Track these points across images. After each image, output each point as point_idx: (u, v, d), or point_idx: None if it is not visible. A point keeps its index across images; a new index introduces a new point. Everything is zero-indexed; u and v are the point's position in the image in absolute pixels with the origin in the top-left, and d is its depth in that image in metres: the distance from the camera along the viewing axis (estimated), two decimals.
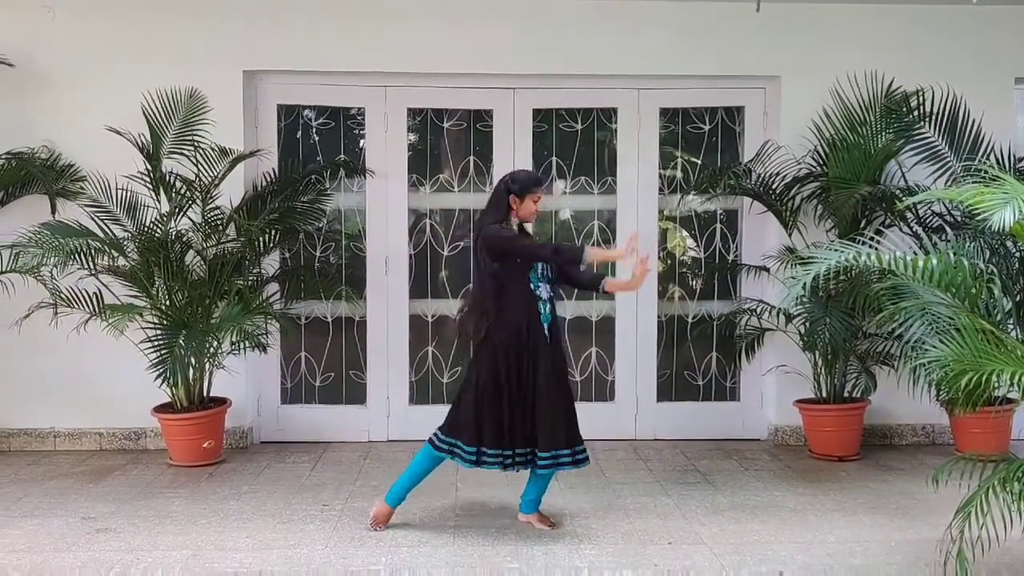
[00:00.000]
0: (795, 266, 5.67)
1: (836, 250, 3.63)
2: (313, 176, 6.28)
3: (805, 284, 3.56)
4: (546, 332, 4.43)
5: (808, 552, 4.29)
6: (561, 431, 4.40)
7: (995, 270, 3.53)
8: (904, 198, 4.37)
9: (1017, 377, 3.31)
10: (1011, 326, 4.85)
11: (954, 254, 3.53)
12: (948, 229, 5.18)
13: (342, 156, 6.49)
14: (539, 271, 4.45)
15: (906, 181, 6.03)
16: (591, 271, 4.86)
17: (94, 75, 6.14)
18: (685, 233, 6.76)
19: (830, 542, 4.42)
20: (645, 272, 4.51)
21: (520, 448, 4.38)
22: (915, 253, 3.64)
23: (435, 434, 4.53)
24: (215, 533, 4.55)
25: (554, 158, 6.56)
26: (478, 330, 4.45)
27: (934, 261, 3.41)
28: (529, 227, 4.68)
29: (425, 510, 4.89)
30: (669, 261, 6.75)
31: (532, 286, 4.43)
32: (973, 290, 3.58)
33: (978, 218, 3.26)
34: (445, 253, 6.58)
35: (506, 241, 4.40)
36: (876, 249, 3.56)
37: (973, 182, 4.01)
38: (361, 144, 6.51)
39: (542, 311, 4.43)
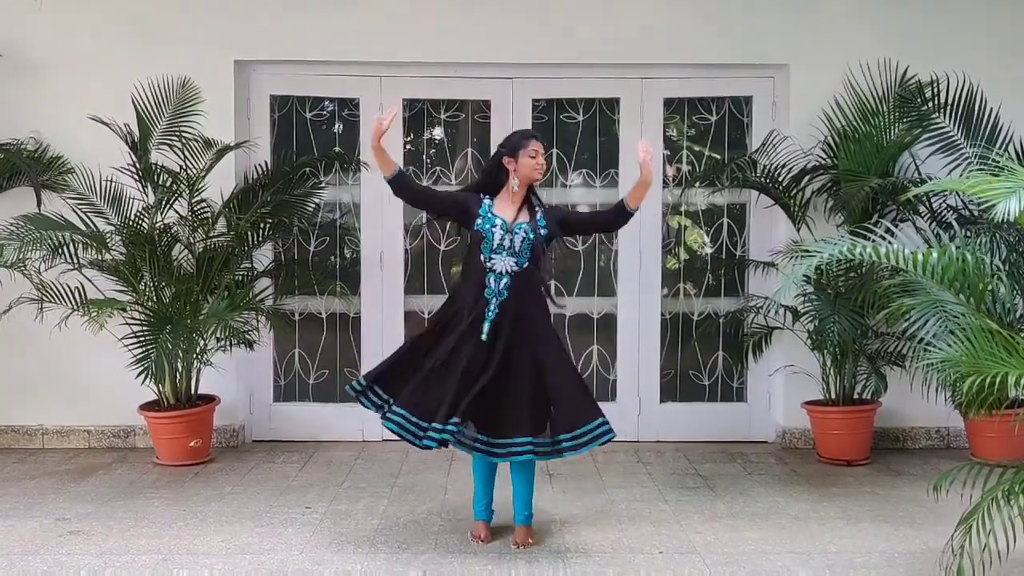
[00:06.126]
0: (795, 260, 5.46)
1: (832, 243, 3.42)
2: (307, 169, 6.10)
3: (797, 278, 3.35)
4: (492, 308, 4.13)
5: (806, 563, 4.06)
6: (522, 418, 4.05)
7: (1000, 267, 3.28)
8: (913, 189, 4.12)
9: None
10: None
11: (957, 248, 3.29)
12: (955, 224, 4.91)
13: (336, 148, 6.32)
14: (493, 242, 4.16)
15: (919, 173, 5.78)
16: (615, 210, 4.37)
17: (82, 65, 6.01)
18: (699, 230, 6.52)
19: (831, 552, 4.19)
20: (648, 159, 4.13)
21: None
22: (929, 248, 3.41)
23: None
24: (189, 536, 4.39)
25: (555, 150, 6.33)
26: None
27: (934, 255, 3.18)
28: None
29: (410, 514, 4.72)
30: (687, 256, 6.51)
31: (483, 256, 4.18)
32: (980, 287, 3.35)
33: (982, 208, 3.03)
34: (442, 248, 6.39)
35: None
36: (873, 242, 3.33)
37: (979, 170, 3.76)
38: (357, 136, 6.32)
39: (489, 285, 4.15)
